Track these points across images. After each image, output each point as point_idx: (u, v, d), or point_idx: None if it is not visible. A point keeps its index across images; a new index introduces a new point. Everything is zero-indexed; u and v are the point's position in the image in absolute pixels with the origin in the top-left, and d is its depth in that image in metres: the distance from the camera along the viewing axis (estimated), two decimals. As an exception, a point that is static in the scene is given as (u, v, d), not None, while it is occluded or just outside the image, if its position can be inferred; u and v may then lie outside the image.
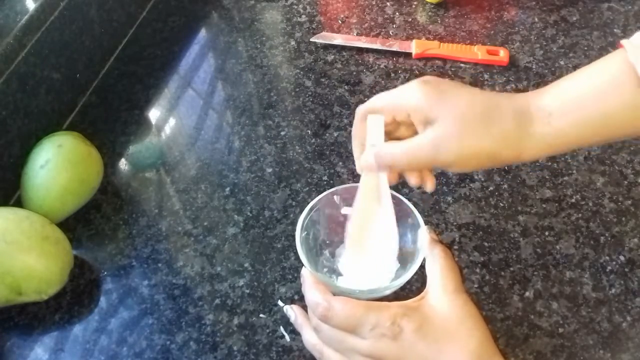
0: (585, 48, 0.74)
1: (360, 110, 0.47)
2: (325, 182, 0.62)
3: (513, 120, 0.41)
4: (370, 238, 0.49)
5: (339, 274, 0.51)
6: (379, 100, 0.46)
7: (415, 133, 0.45)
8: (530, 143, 0.41)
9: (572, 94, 0.41)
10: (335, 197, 0.52)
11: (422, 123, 0.43)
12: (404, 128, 0.47)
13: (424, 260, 0.45)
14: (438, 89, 0.43)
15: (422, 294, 0.43)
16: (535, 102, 0.42)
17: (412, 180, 0.46)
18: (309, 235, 0.50)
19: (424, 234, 0.46)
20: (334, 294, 0.43)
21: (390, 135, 0.47)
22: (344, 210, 0.52)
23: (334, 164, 0.64)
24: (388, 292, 0.47)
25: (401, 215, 0.48)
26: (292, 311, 0.48)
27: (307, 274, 0.45)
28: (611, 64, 0.41)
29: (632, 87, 0.39)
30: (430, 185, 0.47)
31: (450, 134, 0.41)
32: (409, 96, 0.44)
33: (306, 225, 0.49)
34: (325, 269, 0.51)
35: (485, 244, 0.56)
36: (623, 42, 0.40)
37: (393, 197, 0.48)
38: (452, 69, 0.73)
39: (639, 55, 0.38)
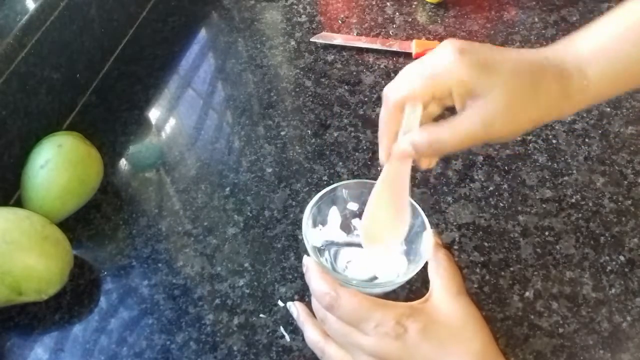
0: (585, 48, 0.74)
1: (396, 98, 0.42)
2: (325, 182, 0.62)
3: (557, 86, 0.41)
4: (388, 229, 0.48)
5: (339, 267, 0.51)
6: (413, 83, 0.41)
7: (444, 107, 0.43)
8: (571, 104, 0.42)
9: (605, 38, 0.41)
10: (343, 190, 0.52)
11: (463, 97, 0.40)
12: (433, 104, 0.43)
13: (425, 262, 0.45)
14: (479, 59, 0.40)
15: (425, 296, 0.43)
16: (570, 57, 0.41)
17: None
18: (314, 226, 0.50)
19: (429, 237, 0.46)
20: None
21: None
22: (350, 205, 0.52)
23: (334, 164, 0.64)
24: (389, 288, 0.47)
25: None
26: (295, 308, 0.48)
27: (311, 263, 0.44)
28: None
29: None
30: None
31: (499, 109, 0.39)
32: (449, 71, 0.40)
33: (312, 216, 0.50)
34: (328, 260, 0.52)
35: (485, 244, 0.56)
36: None
37: None
38: (452, 69, 0.73)
39: None
